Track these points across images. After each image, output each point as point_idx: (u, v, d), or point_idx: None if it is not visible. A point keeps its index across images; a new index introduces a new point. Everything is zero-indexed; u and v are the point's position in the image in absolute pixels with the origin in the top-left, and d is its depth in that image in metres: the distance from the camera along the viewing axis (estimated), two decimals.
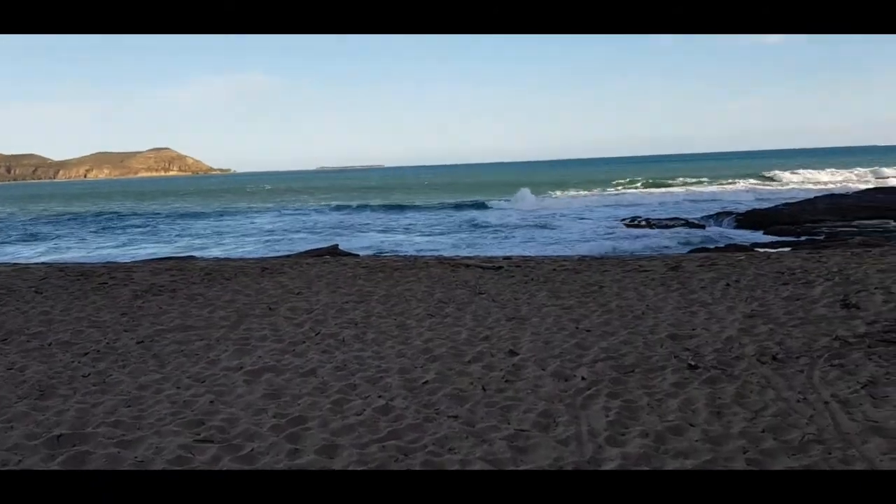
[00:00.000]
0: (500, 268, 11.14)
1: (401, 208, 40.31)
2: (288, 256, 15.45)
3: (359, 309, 8.56)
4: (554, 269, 10.94)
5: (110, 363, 6.48)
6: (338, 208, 41.73)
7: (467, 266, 11.49)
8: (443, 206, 40.24)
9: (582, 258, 12.96)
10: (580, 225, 27.54)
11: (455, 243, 22.46)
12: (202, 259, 14.49)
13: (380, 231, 28.22)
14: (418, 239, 24.12)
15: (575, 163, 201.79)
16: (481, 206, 38.82)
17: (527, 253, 18.05)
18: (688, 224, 25.14)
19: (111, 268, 12.34)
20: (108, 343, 7.22)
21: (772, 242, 18.75)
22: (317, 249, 16.27)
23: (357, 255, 15.33)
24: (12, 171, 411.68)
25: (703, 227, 24.65)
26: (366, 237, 25.25)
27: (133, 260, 16.09)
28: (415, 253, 20.07)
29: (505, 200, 41.66)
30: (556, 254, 17.08)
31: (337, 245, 16.29)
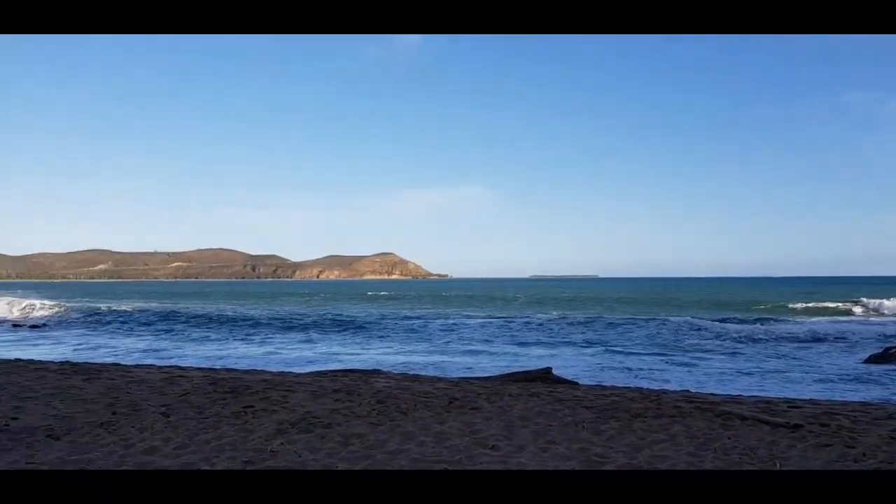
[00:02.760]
0: (799, 426, 7.35)
1: (616, 325, 35.92)
2: (488, 379, 12.53)
3: None
4: (890, 437, 6.97)
5: None
6: (549, 319, 38.33)
7: (743, 418, 7.82)
8: (665, 322, 35.51)
9: None
10: (822, 353, 22.22)
11: (687, 367, 18.39)
12: (384, 376, 11.97)
13: (592, 345, 24.67)
14: (641, 360, 20.22)
15: (803, 280, 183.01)
16: (698, 324, 33.62)
17: (786, 391, 13.87)
18: None
19: (272, 383, 10.14)
20: None
21: None
22: (524, 372, 13.17)
23: (576, 384, 12.03)
24: (256, 270, 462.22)
25: None
26: (580, 356, 21.72)
27: (309, 371, 14.00)
28: (639, 375, 16.44)
29: (733, 321, 36.32)
30: (825, 395, 12.84)
31: (550, 368, 13.09)
